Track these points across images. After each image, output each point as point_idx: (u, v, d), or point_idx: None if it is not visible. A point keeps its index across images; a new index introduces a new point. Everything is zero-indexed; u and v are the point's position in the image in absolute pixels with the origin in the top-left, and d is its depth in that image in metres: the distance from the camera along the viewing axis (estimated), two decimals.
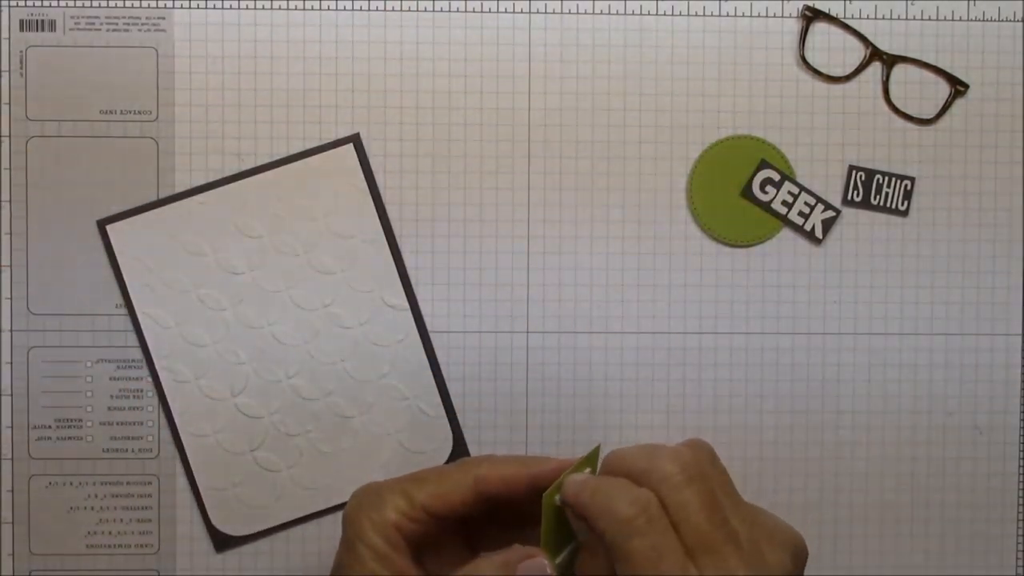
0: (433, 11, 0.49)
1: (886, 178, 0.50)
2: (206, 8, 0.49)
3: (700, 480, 0.35)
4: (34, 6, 0.48)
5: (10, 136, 0.48)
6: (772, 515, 0.36)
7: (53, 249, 0.49)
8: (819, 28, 0.50)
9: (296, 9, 0.49)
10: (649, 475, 0.35)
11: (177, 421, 0.49)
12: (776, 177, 0.49)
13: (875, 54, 0.49)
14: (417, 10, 0.49)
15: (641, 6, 0.49)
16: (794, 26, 0.50)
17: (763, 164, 0.49)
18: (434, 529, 0.40)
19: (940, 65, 0.50)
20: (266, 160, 0.49)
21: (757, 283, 0.50)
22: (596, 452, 0.39)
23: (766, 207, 0.50)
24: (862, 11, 0.50)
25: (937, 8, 0.50)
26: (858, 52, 0.50)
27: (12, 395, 0.49)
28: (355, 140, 0.49)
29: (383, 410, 0.49)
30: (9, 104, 0.48)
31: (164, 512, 0.49)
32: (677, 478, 0.34)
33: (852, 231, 0.50)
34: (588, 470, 0.39)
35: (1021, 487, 0.51)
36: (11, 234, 0.48)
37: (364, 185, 0.49)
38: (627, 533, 0.34)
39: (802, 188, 0.50)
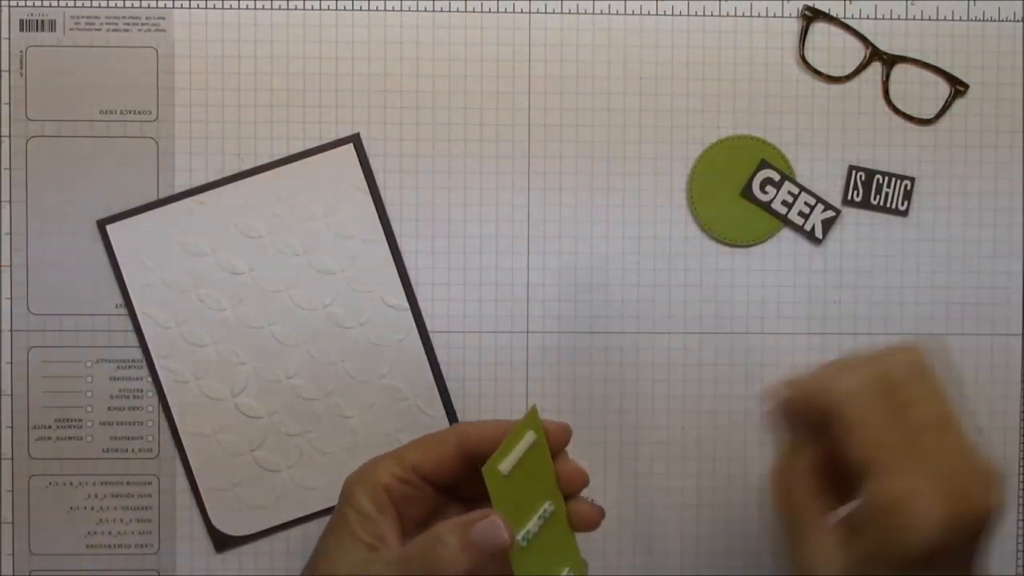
0: (433, 11, 0.49)
1: (886, 178, 0.50)
2: (206, 8, 0.49)
3: (933, 369, 0.36)
4: (34, 6, 0.48)
5: (10, 136, 0.48)
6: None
7: (53, 249, 0.49)
8: (819, 28, 0.50)
9: (296, 9, 0.49)
10: (882, 361, 0.35)
11: (177, 421, 0.49)
12: (776, 177, 0.49)
13: (875, 54, 0.49)
14: (417, 10, 0.49)
15: (641, 6, 0.49)
16: (794, 26, 0.50)
17: (763, 164, 0.49)
18: (431, 499, 0.40)
19: (940, 65, 0.50)
20: (266, 160, 0.49)
21: (757, 283, 0.50)
22: (535, 413, 0.39)
23: (766, 207, 0.50)
24: (862, 11, 0.50)
25: (937, 8, 0.50)
26: (858, 52, 0.50)
27: (12, 395, 0.49)
28: (355, 140, 0.49)
29: (383, 410, 0.49)
30: (9, 104, 0.48)
31: (164, 512, 0.49)
32: (918, 363, 0.35)
33: (852, 231, 0.50)
34: (530, 432, 0.38)
35: (1021, 487, 0.51)
36: (11, 234, 0.49)
37: (364, 185, 0.49)
38: (859, 402, 0.34)
39: (802, 188, 0.50)
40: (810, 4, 0.49)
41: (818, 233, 0.50)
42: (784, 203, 0.50)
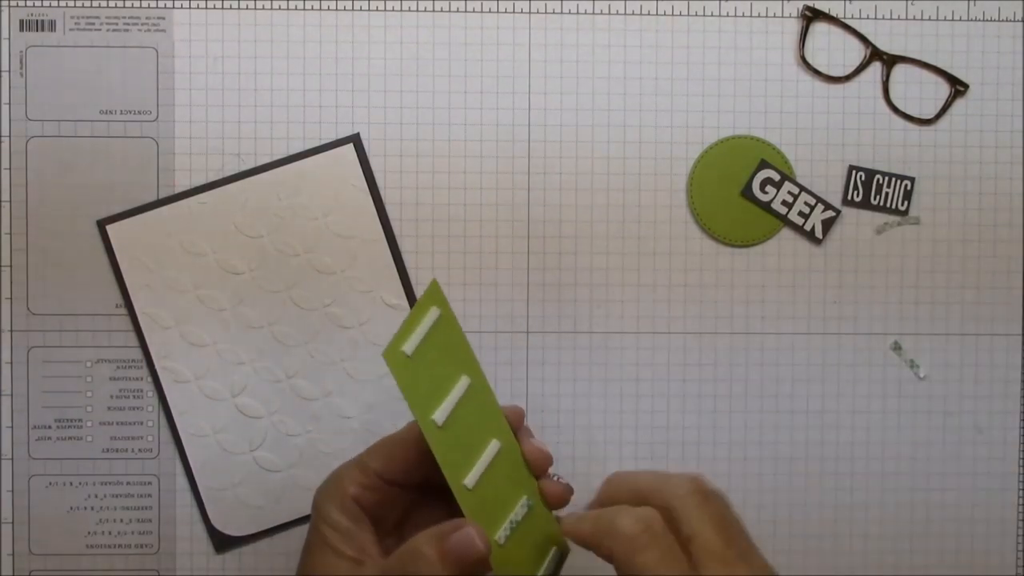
0: (433, 11, 0.49)
1: (886, 178, 0.50)
2: (206, 8, 0.49)
3: (712, 498, 0.36)
4: (34, 6, 0.48)
5: (10, 136, 0.48)
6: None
7: (53, 249, 0.49)
8: (819, 28, 0.50)
9: (296, 9, 0.49)
10: (661, 492, 0.36)
11: (177, 421, 0.49)
12: (776, 177, 0.49)
13: (875, 54, 0.49)
14: (417, 10, 0.49)
15: (641, 6, 0.49)
16: (794, 26, 0.50)
17: (763, 164, 0.49)
18: (402, 500, 0.40)
19: (940, 65, 0.50)
20: (266, 160, 0.49)
21: (757, 283, 0.50)
22: (436, 286, 0.38)
23: (766, 207, 0.50)
24: (862, 11, 0.50)
25: (937, 8, 0.50)
26: (858, 52, 0.50)
27: (12, 395, 0.49)
28: (355, 140, 0.49)
29: (383, 410, 0.49)
30: (9, 104, 0.48)
31: (164, 512, 0.49)
32: (696, 496, 0.35)
33: (852, 231, 0.50)
34: (434, 307, 0.37)
35: (1021, 487, 0.51)
36: (11, 234, 0.48)
37: (364, 185, 0.49)
38: (633, 549, 0.34)
39: (802, 188, 0.50)
40: (810, 4, 0.49)
41: (818, 233, 0.50)
42: (784, 203, 0.50)
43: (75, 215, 0.48)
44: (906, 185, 0.50)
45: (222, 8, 0.49)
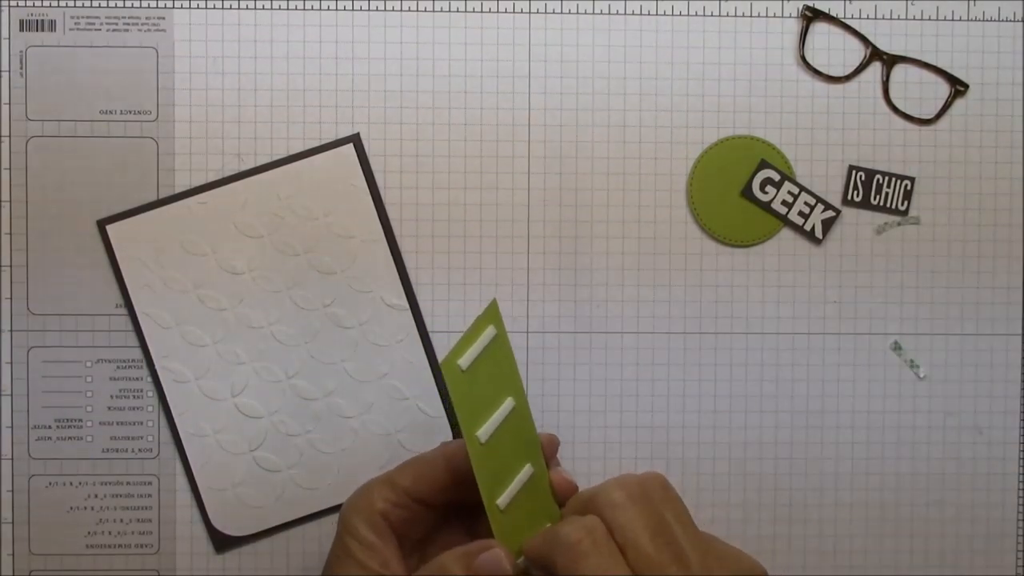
0: (433, 11, 0.49)
1: (886, 178, 0.50)
2: (206, 8, 0.49)
3: (644, 502, 0.35)
4: (34, 6, 0.48)
5: (10, 136, 0.48)
6: (730, 545, 0.37)
7: (53, 249, 0.49)
8: (819, 28, 0.50)
9: (296, 9, 0.49)
10: (595, 502, 0.36)
11: (177, 421, 0.49)
12: (776, 177, 0.49)
13: (875, 54, 0.49)
14: (417, 10, 0.49)
15: (641, 6, 0.49)
16: (794, 26, 0.50)
17: (763, 164, 0.49)
18: (427, 519, 0.40)
19: (940, 65, 0.50)
20: (266, 160, 0.49)
21: (757, 283, 0.50)
22: (495, 306, 0.39)
23: (766, 207, 0.50)
24: (862, 11, 0.50)
25: (937, 8, 0.50)
26: (858, 52, 0.50)
27: (12, 395, 0.49)
28: (355, 140, 0.49)
29: (383, 410, 0.49)
30: (9, 104, 0.48)
31: (164, 512, 0.49)
32: (621, 501, 0.35)
33: (852, 231, 0.50)
34: (491, 326, 0.38)
35: (1021, 487, 0.51)
36: (11, 234, 0.49)
37: (364, 185, 0.49)
38: (575, 557, 0.34)
39: (802, 188, 0.50)
40: (810, 4, 0.49)
41: (818, 233, 0.50)
42: (784, 203, 0.50)
43: (75, 215, 0.48)
44: (906, 185, 0.50)
45: (222, 8, 0.49)
